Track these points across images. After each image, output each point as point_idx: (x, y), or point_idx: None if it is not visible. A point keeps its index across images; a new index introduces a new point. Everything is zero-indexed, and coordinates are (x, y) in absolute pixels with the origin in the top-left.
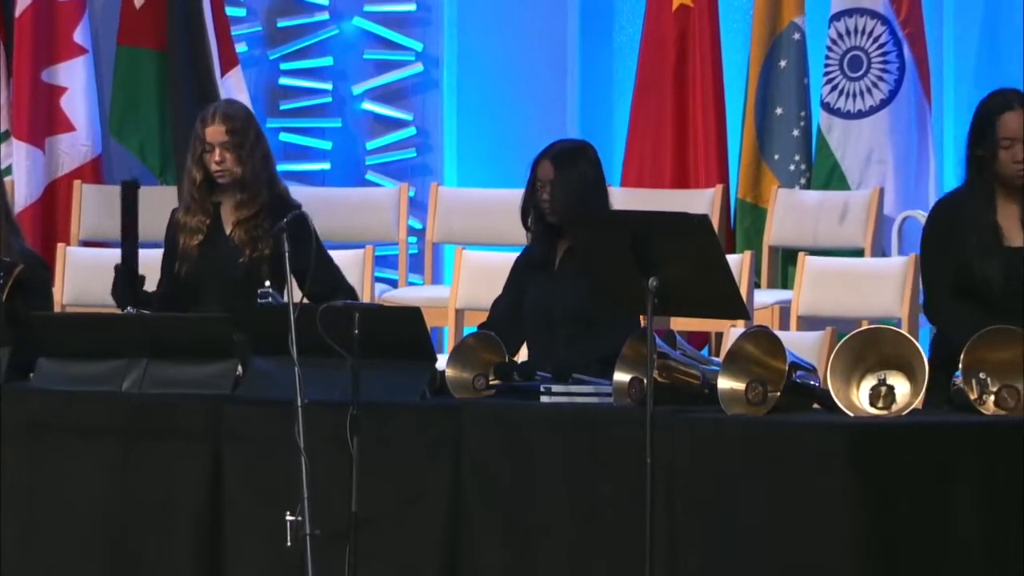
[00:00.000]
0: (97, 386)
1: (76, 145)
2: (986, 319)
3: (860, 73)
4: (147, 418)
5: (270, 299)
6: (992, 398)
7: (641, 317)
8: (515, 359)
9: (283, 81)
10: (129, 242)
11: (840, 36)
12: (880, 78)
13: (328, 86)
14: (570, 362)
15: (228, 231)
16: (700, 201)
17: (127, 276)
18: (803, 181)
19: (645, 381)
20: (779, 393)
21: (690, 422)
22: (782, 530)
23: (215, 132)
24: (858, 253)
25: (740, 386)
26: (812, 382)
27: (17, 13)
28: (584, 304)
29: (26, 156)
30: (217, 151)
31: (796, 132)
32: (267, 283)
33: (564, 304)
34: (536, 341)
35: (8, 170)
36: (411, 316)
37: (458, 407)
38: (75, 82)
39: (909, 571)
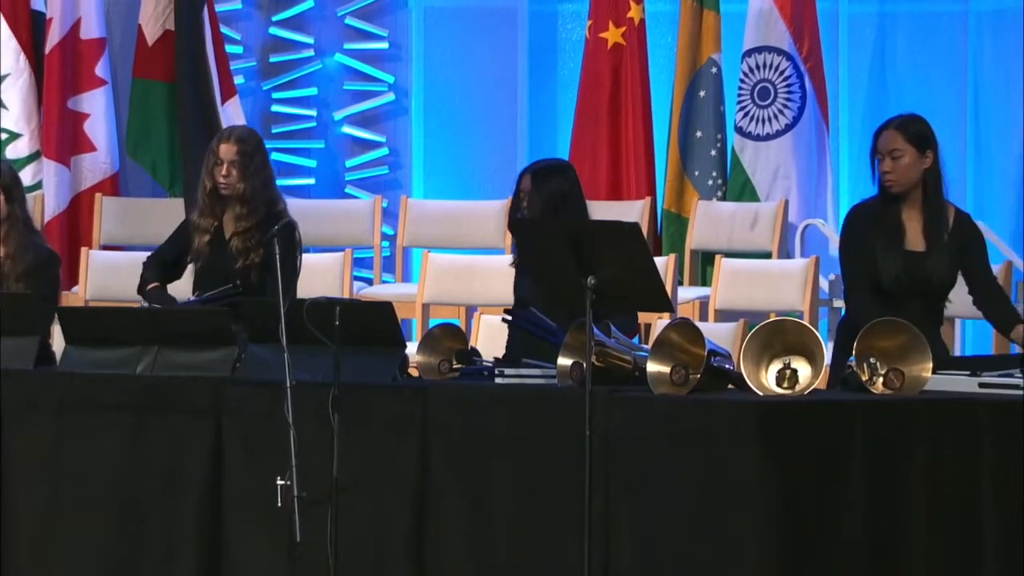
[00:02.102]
0: (115, 369)
1: (97, 163)
2: (888, 311)
3: (768, 102)
4: (158, 397)
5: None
6: (881, 379)
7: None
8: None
9: (275, 108)
10: None
11: (751, 70)
12: (785, 106)
13: (313, 112)
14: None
15: (228, 239)
16: (631, 211)
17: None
18: (719, 194)
19: (584, 365)
20: (699, 375)
21: (623, 400)
22: (702, 491)
23: (227, 150)
24: (766, 255)
25: (666, 369)
26: (727, 366)
27: (47, 50)
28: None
29: (55, 173)
30: (225, 166)
31: (714, 152)
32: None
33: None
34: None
35: (39, 184)
36: (384, 310)
37: (425, 387)
38: (96, 109)
39: (809, 524)
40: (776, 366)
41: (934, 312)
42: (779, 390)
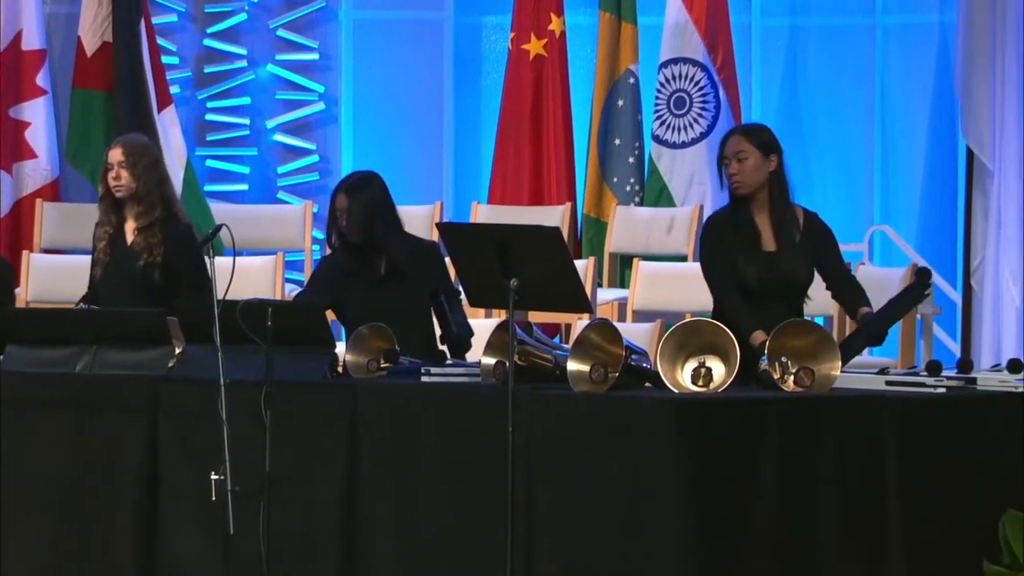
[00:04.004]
0: (55, 368)
1: (38, 170)
2: (757, 312)
3: (684, 111)
4: (96, 394)
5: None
6: (792, 377)
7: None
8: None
9: (209, 117)
10: None
11: (667, 80)
12: (700, 115)
13: (246, 121)
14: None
15: (129, 241)
16: (552, 216)
17: None
18: (637, 199)
19: (507, 364)
20: (618, 374)
21: (544, 398)
22: (619, 486)
23: (114, 154)
24: (682, 258)
25: (585, 368)
26: (644, 365)
27: None
28: (415, 305)
29: None
30: (115, 169)
31: (631, 159)
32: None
33: (398, 305)
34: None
35: None
36: (314, 311)
37: (354, 385)
38: (37, 118)
39: (724, 518)
40: (691, 365)
41: (795, 309)
42: (694, 388)
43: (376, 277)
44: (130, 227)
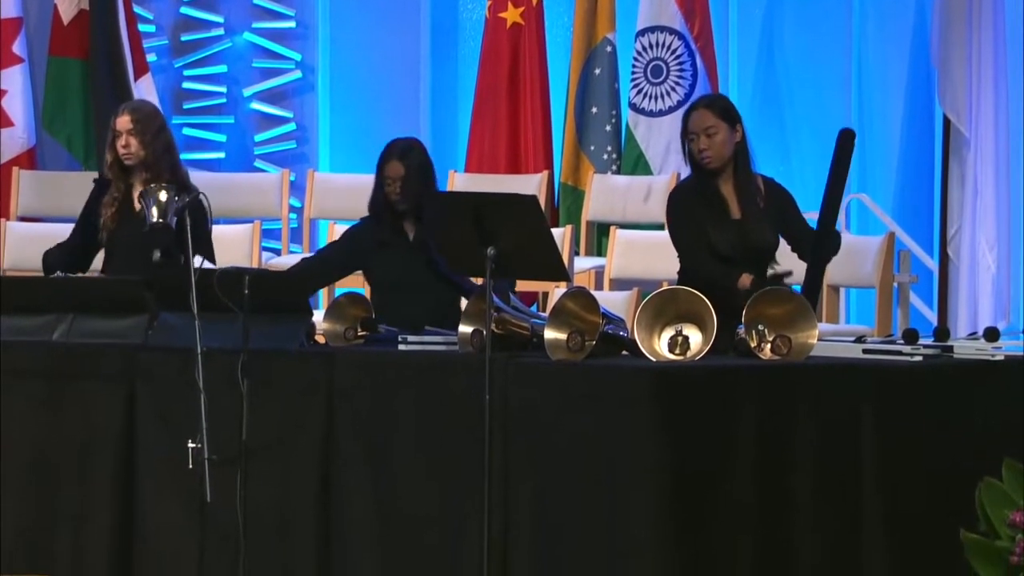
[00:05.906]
0: (32, 336)
1: (15, 138)
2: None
3: (661, 79)
4: (73, 363)
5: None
6: (768, 346)
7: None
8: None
9: (186, 85)
10: None
11: (645, 49)
12: (677, 83)
13: (223, 89)
14: (423, 318)
15: (137, 208)
16: (530, 184)
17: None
18: (614, 168)
19: (484, 332)
20: (595, 342)
21: (521, 366)
22: (597, 453)
23: (122, 122)
24: (659, 227)
25: (563, 336)
26: (621, 333)
27: None
28: (437, 275)
29: None
30: (124, 137)
31: (608, 128)
32: (157, 253)
33: (429, 272)
34: (395, 303)
35: None
36: (291, 279)
37: (331, 353)
38: (14, 86)
39: (701, 486)
40: (668, 333)
41: (761, 275)
42: (671, 356)
43: (408, 245)
44: (137, 194)
